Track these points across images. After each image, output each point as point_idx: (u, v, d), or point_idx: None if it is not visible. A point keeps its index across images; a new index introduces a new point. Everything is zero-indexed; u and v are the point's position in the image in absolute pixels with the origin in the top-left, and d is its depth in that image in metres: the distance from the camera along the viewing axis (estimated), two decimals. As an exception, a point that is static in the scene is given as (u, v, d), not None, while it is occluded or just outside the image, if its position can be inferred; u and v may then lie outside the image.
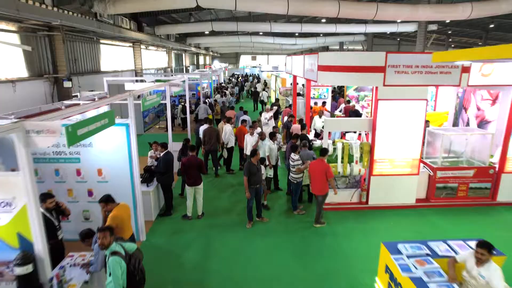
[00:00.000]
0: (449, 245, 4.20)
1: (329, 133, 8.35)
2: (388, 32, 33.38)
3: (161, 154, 7.02)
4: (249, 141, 8.75)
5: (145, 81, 14.37)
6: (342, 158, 7.27)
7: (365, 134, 8.79)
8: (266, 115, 11.57)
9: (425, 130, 7.47)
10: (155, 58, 25.07)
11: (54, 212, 4.56)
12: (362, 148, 7.21)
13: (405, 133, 7.04)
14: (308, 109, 10.60)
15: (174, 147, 8.80)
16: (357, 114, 11.69)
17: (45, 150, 5.61)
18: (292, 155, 6.98)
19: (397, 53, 6.81)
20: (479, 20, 25.58)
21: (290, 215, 7.19)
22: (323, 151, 6.55)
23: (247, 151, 8.66)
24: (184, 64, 33.97)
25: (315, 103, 13.04)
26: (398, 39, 41.72)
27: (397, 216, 7.12)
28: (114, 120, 4.80)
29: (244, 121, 10.30)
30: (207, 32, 27.83)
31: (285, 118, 11.28)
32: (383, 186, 7.31)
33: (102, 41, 15.34)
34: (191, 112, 16.75)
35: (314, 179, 6.53)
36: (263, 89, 22.77)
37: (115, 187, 5.77)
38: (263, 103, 21.64)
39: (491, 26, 29.13)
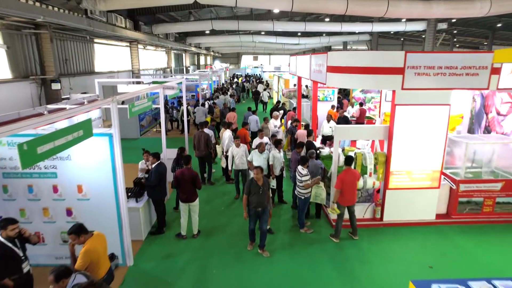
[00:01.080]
0: (494, 286, 3.44)
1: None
2: (392, 32, 32.60)
3: (153, 165, 6.27)
4: (236, 153, 7.62)
5: (143, 82, 13.68)
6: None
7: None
8: (275, 122, 10.77)
9: (446, 139, 6.73)
10: (154, 58, 24.40)
11: (17, 241, 3.82)
12: (377, 158, 6.47)
13: (426, 142, 6.30)
14: (315, 113, 9.79)
15: (169, 154, 8.05)
16: (346, 121, 10.77)
17: (16, 164, 4.89)
18: (300, 168, 6.20)
19: (418, 52, 6.05)
20: (485, 19, 24.73)
21: (296, 234, 6.44)
22: (348, 160, 6.03)
23: (234, 165, 7.64)
24: (184, 65, 33.29)
25: (332, 107, 12.26)
26: (402, 39, 40.93)
27: (415, 234, 6.38)
28: (91, 131, 4.08)
29: (245, 123, 9.55)
30: (207, 32, 27.15)
31: (289, 122, 10.52)
32: (399, 201, 6.57)
33: (96, 40, 14.62)
34: (190, 114, 16.02)
35: (348, 190, 5.95)
36: (264, 89, 22.16)
37: (98, 206, 5.08)
38: (263, 103, 21.09)
39: (498, 25, 28.29)
